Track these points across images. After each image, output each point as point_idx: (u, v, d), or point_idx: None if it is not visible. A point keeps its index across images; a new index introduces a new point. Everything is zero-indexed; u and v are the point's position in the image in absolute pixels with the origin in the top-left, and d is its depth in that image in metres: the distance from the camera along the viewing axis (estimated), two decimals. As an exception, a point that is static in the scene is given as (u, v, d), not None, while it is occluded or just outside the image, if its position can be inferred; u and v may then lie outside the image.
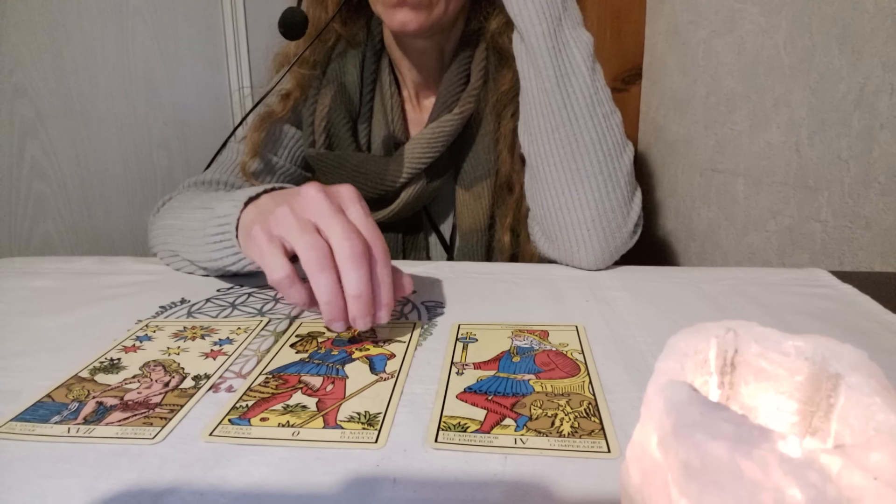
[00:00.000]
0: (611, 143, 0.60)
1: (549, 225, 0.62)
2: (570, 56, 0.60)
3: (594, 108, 0.59)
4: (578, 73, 0.59)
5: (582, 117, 0.59)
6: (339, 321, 0.43)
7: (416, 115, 0.81)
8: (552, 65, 0.59)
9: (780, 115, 0.74)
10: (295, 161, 0.81)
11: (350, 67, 0.78)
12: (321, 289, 0.42)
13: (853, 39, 0.61)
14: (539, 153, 0.61)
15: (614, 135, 0.60)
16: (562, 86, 0.59)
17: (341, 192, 0.46)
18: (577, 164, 0.59)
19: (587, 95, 0.59)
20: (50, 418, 0.36)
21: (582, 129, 0.59)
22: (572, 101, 0.59)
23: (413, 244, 0.81)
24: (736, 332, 0.24)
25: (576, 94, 0.59)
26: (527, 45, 0.60)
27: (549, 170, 0.61)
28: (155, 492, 0.30)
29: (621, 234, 0.60)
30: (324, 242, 0.42)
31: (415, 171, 0.73)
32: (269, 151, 0.78)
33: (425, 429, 0.34)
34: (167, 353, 0.44)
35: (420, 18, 0.66)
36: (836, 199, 0.65)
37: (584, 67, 0.60)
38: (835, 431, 0.22)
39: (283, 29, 0.67)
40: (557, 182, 0.60)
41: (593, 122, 0.59)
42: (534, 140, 0.62)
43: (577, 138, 0.59)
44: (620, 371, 0.40)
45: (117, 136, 1.48)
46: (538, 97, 0.60)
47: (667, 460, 0.20)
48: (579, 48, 0.60)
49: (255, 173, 0.76)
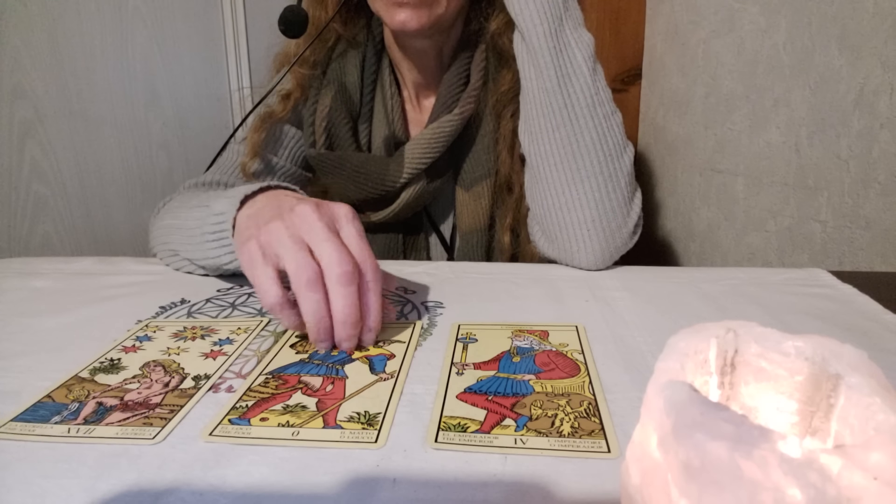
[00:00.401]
0: (611, 144, 0.60)
1: (549, 225, 0.62)
2: (572, 56, 0.60)
3: (595, 108, 0.60)
4: (579, 73, 0.60)
5: (583, 117, 0.59)
6: (325, 342, 0.44)
7: (417, 115, 0.81)
8: (553, 65, 0.59)
9: (780, 115, 0.74)
10: (295, 161, 0.81)
11: (350, 67, 0.78)
12: (308, 310, 0.42)
13: (853, 39, 0.61)
14: (539, 153, 0.61)
15: (615, 135, 0.60)
16: (563, 86, 0.59)
17: (336, 211, 0.46)
18: (577, 164, 0.59)
19: (588, 95, 0.59)
20: (50, 419, 0.36)
21: (583, 129, 0.59)
22: (573, 101, 0.59)
23: (413, 244, 0.81)
24: (736, 332, 0.24)
25: (577, 95, 0.59)
26: (528, 45, 0.61)
27: (550, 170, 0.61)
28: (155, 492, 0.30)
29: (621, 235, 0.60)
30: (314, 263, 0.42)
31: (415, 172, 0.73)
32: (269, 152, 0.78)
33: (425, 429, 0.34)
34: (167, 354, 0.44)
35: (420, 17, 0.66)
36: (836, 199, 0.65)
37: (586, 67, 0.60)
38: (835, 431, 0.22)
39: (283, 27, 0.67)
40: (558, 182, 0.60)
41: (594, 122, 0.59)
42: (534, 140, 0.62)
43: (578, 138, 0.59)
44: (620, 371, 0.40)
45: (117, 136, 1.48)
46: (539, 97, 0.61)
47: (667, 460, 0.20)
48: (580, 48, 0.60)
49: (255, 174, 0.76)
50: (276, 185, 0.54)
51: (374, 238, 0.81)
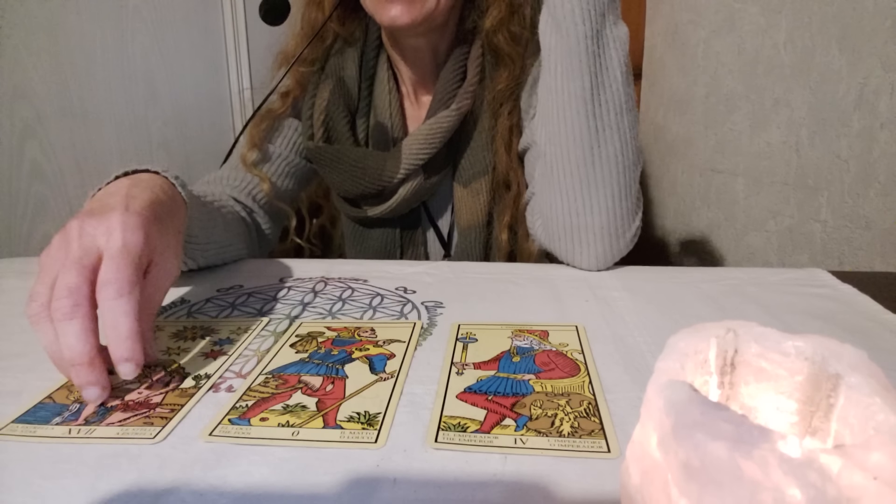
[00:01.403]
0: (631, 154, 0.58)
1: (555, 225, 0.61)
2: (608, 60, 0.56)
3: (623, 116, 0.57)
4: (614, 79, 0.56)
5: (609, 127, 0.57)
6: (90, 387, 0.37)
7: (414, 111, 0.81)
8: (590, 72, 0.55)
9: (780, 115, 0.74)
10: (296, 150, 0.81)
11: (349, 63, 0.78)
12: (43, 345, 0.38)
13: (853, 39, 0.61)
14: (557, 155, 0.59)
15: (635, 146, 0.58)
16: (595, 95, 0.56)
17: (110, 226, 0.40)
18: (596, 173, 0.57)
19: (618, 104, 0.56)
20: (51, 420, 0.36)
21: (608, 139, 0.57)
22: (604, 111, 0.56)
23: (411, 240, 0.81)
24: (736, 332, 0.24)
25: (608, 104, 0.56)
26: (565, 44, 0.56)
27: (566, 175, 0.59)
28: (155, 492, 0.30)
29: (624, 240, 0.60)
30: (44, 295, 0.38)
31: (412, 167, 0.73)
32: (268, 141, 0.79)
33: (425, 429, 0.34)
34: (167, 353, 0.44)
35: (412, 12, 0.66)
36: (836, 199, 0.65)
37: (619, 73, 0.56)
38: (835, 431, 0.22)
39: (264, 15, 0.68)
40: (573, 187, 0.59)
41: (619, 132, 0.57)
42: (553, 141, 0.59)
43: (602, 148, 0.57)
44: (620, 371, 0.40)
45: (117, 136, 1.48)
46: (566, 100, 0.57)
47: (667, 460, 0.20)
48: (617, 49, 0.56)
49: (255, 163, 0.77)
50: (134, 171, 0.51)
51: (371, 233, 0.82)
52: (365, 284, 0.58)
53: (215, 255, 0.62)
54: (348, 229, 0.85)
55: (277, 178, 0.79)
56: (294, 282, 0.58)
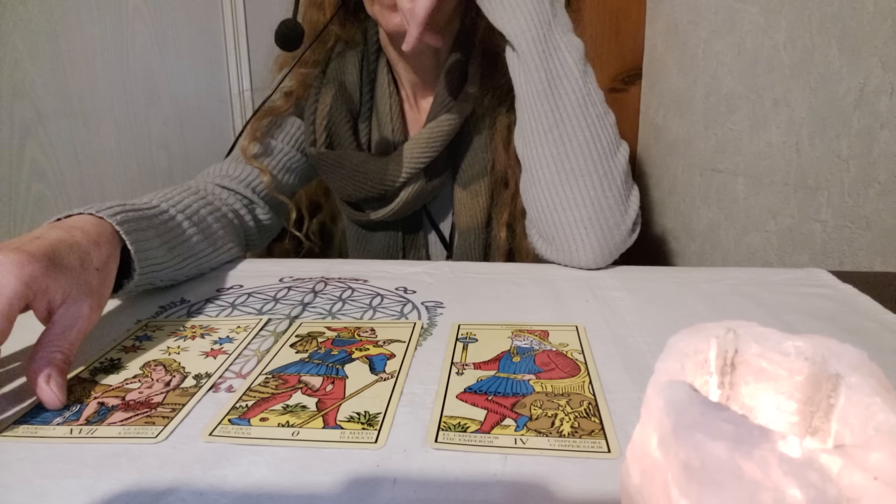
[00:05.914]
0: (604, 143, 0.60)
1: (545, 226, 0.62)
2: (562, 59, 0.60)
3: (586, 108, 0.60)
4: (570, 74, 0.60)
5: (574, 118, 0.59)
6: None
7: (415, 115, 0.81)
8: (543, 68, 0.60)
9: (780, 115, 0.74)
10: (297, 146, 0.81)
11: (350, 67, 0.78)
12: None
13: (853, 39, 0.61)
14: (532, 156, 0.62)
15: (608, 134, 0.61)
16: (553, 88, 0.60)
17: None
18: (570, 164, 0.59)
19: (579, 97, 0.60)
20: (52, 420, 0.36)
21: (574, 130, 0.59)
22: (564, 102, 0.60)
23: (413, 242, 0.81)
24: (736, 332, 0.24)
25: (567, 96, 0.60)
26: (518, 52, 0.61)
27: (543, 171, 0.61)
28: (155, 492, 0.30)
29: (619, 232, 0.60)
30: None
31: (414, 171, 0.74)
32: (269, 136, 0.79)
33: (425, 429, 0.34)
34: (167, 353, 0.44)
35: None
36: (836, 199, 0.65)
37: (576, 70, 0.60)
38: (835, 431, 0.22)
39: (279, 41, 0.68)
40: (551, 182, 0.60)
41: (586, 122, 0.60)
42: (527, 143, 0.62)
43: (570, 139, 0.59)
44: (620, 371, 0.40)
45: (117, 136, 1.48)
46: (529, 101, 0.61)
47: (667, 460, 0.20)
48: (570, 52, 0.60)
49: (255, 156, 0.77)
50: (79, 213, 0.49)
51: (373, 236, 0.82)
52: (365, 284, 0.58)
53: (195, 268, 0.60)
54: (351, 232, 0.85)
55: (278, 171, 0.79)
56: (294, 282, 0.58)
